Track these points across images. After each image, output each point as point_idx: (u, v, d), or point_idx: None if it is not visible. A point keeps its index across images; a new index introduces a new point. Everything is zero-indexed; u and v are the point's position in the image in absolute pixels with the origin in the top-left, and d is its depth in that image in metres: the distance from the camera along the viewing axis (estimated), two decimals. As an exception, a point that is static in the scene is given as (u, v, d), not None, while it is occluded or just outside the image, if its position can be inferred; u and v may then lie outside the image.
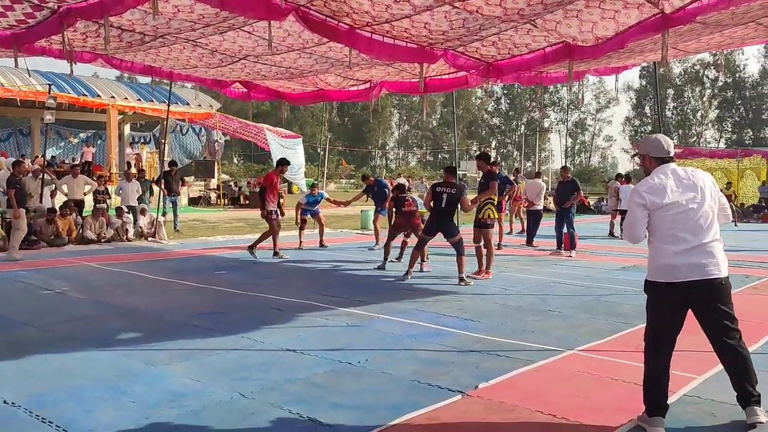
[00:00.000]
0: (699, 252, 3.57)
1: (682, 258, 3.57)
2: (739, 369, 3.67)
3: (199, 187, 29.04)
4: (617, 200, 16.88)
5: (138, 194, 14.77)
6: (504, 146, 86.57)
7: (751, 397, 3.65)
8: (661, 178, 3.67)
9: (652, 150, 3.79)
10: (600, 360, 5.13)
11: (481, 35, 7.22)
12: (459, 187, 9.00)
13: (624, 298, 7.73)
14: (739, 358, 3.66)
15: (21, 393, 4.17)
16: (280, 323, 6.34)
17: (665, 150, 3.76)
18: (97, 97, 23.12)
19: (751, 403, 3.65)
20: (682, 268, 3.57)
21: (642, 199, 3.65)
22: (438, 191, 8.84)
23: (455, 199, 8.78)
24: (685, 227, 3.60)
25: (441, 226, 8.89)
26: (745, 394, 3.66)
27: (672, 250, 3.59)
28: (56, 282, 8.54)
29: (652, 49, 8.13)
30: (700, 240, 3.59)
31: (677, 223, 3.60)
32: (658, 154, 3.77)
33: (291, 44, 7.93)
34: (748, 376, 3.66)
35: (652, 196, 3.62)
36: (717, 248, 3.63)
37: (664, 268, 3.63)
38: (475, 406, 4.06)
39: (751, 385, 3.66)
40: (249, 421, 3.75)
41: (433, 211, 8.91)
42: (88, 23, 7.06)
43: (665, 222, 3.62)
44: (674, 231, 3.60)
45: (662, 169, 3.73)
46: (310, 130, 71.60)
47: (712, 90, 76.41)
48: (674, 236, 3.60)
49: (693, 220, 3.60)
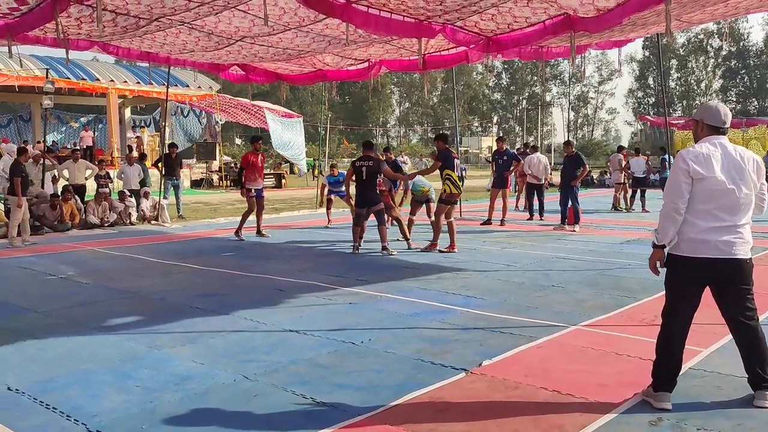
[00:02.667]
0: (730, 231, 3.49)
1: (713, 235, 3.48)
2: (754, 350, 3.61)
3: (201, 170, 28.97)
4: (620, 173, 16.80)
5: (140, 178, 14.75)
6: (506, 121, 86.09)
7: (762, 381, 3.59)
8: (709, 149, 3.53)
9: (707, 116, 3.63)
10: (605, 335, 5.11)
11: (479, 6, 7.09)
12: (376, 159, 9.67)
13: (628, 272, 7.71)
14: (755, 339, 3.60)
15: (25, 379, 4.18)
16: (283, 304, 6.34)
17: (721, 120, 3.60)
18: (96, 81, 23.01)
19: (762, 387, 3.59)
20: (710, 245, 3.48)
21: (687, 165, 3.48)
22: (357, 165, 9.62)
23: (373, 171, 9.48)
24: (723, 206, 3.49)
25: (365, 196, 9.56)
26: (758, 377, 3.61)
27: (705, 225, 3.49)
28: (60, 267, 8.55)
29: (656, 22, 8.00)
30: (735, 221, 3.50)
31: (716, 200, 3.48)
32: (712, 122, 3.60)
33: (287, 23, 7.82)
34: (762, 359, 3.59)
35: (697, 166, 3.47)
36: (747, 230, 3.57)
37: (693, 242, 3.52)
38: (479, 383, 4.06)
39: (763, 370, 3.59)
40: (253, 403, 3.75)
41: (358, 185, 9.62)
42: (81, 8, 6.97)
43: (704, 196, 3.49)
44: (711, 207, 3.49)
45: (712, 140, 3.58)
46: (310, 109, 71.23)
47: (716, 59, 75.66)
48: (710, 213, 3.49)
49: (732, 200, 3.49)
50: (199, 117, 29.95)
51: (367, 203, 9.59)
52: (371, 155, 9.63)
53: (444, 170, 9.48)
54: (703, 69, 76.11)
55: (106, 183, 14.23)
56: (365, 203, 9.60)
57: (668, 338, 3.67)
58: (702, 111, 3.69)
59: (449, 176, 9.45)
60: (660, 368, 3.66)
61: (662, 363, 3.66)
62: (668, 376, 3.64)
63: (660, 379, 3.64)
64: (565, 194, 12.33)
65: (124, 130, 27.56)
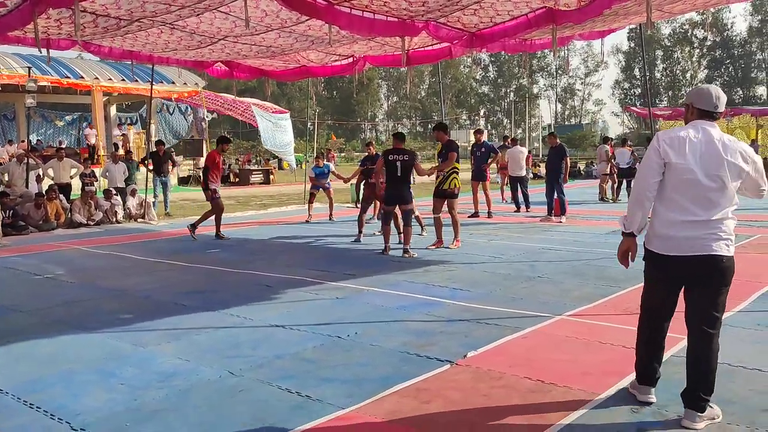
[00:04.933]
0: (704, 227, 3.20)
1: (684, 230, 3.22)
2: (702, 363, 3.27)
3: (188, 167, 28.85)
4: (607, 164, 16.89)
5: (125, 176, 14.67)
6: (494, 114, 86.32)
7: (699, 401, 3.23)
8: (688, 133, 3.24)
9: (696, 100, 3.33)
10: (589, 324, 5.16)
11: (462, 4, 7.10)
12: (411, 153, 8.80)
13: (613, 262, 7.65)
14: (708, 353, 3.27)
15: (9, 379, 4.16)
16: (269, 300, 6.33)
17: (713, 103, 3.28)
18: (81, 78, 22.79)
19: (694, 407, 3.24)
20: (683, 241, 3.22)
21: (659, 146, 3.24)
22: (391, 159, 8.59)
23: (409, 165, 8.63)
24: (695, 198, 3.21)
25: (396, 193, 8.69)
26: (693, 396, 3.25)
27: (675, 218, 3.24)
28: (46, 266, 8.50)
29: (637, 12, 8.03)
30: (708, 216, 3.20)
31: (687, 191, 3.21)
32: (702, 106, 3.30)
33: (269, 24, 7.80)
34: (706, 377, 3.25)
35: (669, 148, 3.22)
36: (726, 226, 3.24)
37: (664, 239, 3.29)
38: (463, 374, 4.08)
39: (706, 387, 3.24)
40: (238, 398, 3.76)
41: (388, 180, 8.71)
42: (61, 9, 6.90)
43: (674, 184, 3.23)
44: (682, 198, 3.23)
45: (696, 124, 3.29)
46: (298, 104, 71.09)
47: (700, 50, 76.15)
48: (680, 204, 3.23)
49: (704, 193, 3.20)
50: (184, 114, 29.79)
51: (397, 201, 8.74)
52: (404, 148, 8.78)
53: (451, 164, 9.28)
54: (689, 59, 76.61)
55: (91, 181, 14.15)
56: (395, 200, 8.75)
57: (645, 330, 3.55)
58: (693, 94, 3.39)
59: (456, 169, 9.26)
60: (640, 360, 3.58)
61: (642, 355, 3.58)
62: (650, 370, 3.54)
63: (642, 371, 3.57)
64: (551, 186, 12.39)
65: (110, 127, 27.37)
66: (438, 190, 9.36)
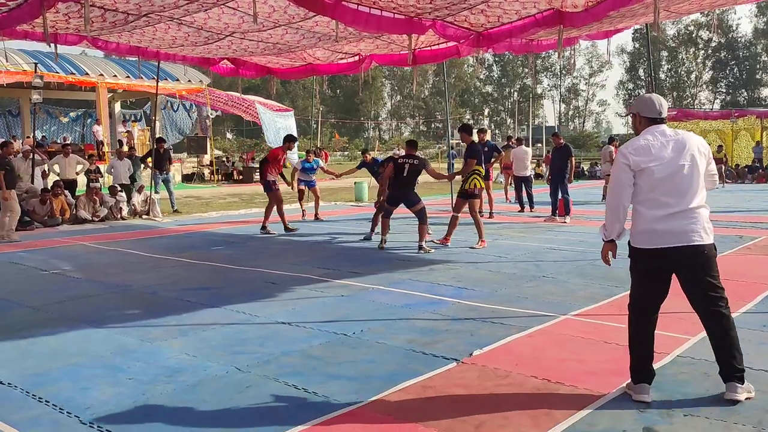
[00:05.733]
0: (682, 217, 3.45)
1: (664, 223, 3.46)
2: (723, 340, 3.51)
3: (192, 164, 28.91)
4: (611, 165, 16.86)
5: (130, 172, 14.70)
6: (497, 114, 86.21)
7: (734, 372, 3.49)
8: (648, 139, 3.54)
9: (643, 109, 3.65)
10: (594, 324, 5.16)
11: (469, 3, 7.11)
12: (421, 159, 9.33)
13: (618, 262, 7.63)
14: (725, 329, 3.49)
15: (17, 373, 4.18)
16: (275, 297, 6.35)
17: (657, 110, 3.61)
18: (86, 75, 22.88)
19: (733, 378, 3.50)
20: (663, 234, 3.46)
21: (626, 160, 3.51)
22: (400, 162, 9.21)
23: (417, 170, 9.14)
24: (669, 191, 3.47)
25: (403, 195, 9.19)
26: (728, 369, 3.51)
27: (654, 214, 3.48)
28: (51, 262, 8.53)
29: (644, 13, 8.04)
30: (684, 205, 3.46)
31: (660, 187, 3.47)
32: (648, 114, 3.63)
33: (277, 20, 7.81)
34: (731, 350, 3.49)
35: (637, 157, 3.49)
36: (702, 215, 3.49)
37: (644, 233, 3.54)
38: (469, 373, 4.09)
39: (735, 360, 3.49)
40: (245, 395, 3.77)
41: (395, 181, 9.21)
42: (69, 3, 6.93)
43: (648, 184, 3.49)
44: (656, 195, 3.48)
45: (651, 130, 3.59)
46: (301, 103, 71.12)
47: (705, 51, 75.96)
48: (656, 200, 3.48)
49: (677, 184, 3.46)
50: (189, 111, 29.85)
51: (401, 201, 9.24)
52: (416, 154, 9.37)
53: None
54: (693, 60, 76.42)
55: (96, 178, 14.19)
56: (397, 201, 9.26)
57: (636, 328, 3.66)
58: (637, 104, 3.71)
59: (478, 171, 9.36)
60: (633, 360, 3.66)
61: (635, 354, 3.66)
62: (643, 367, 3.62)
63: (636, 371, 3.64)
64: (555, 186, 12.39)
65: (114, 124, 27.43)
66: (460, 190, 9.61)
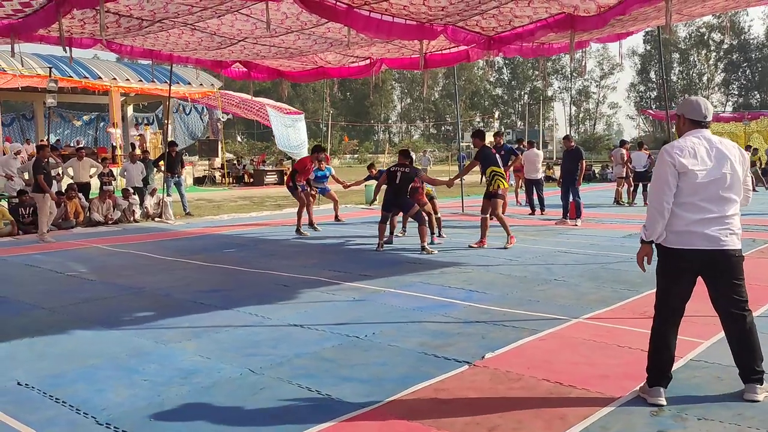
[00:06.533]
0: (718, 223, 3.49)
1: (700, 227, 3.49)
2: (744, 344, 3.59)
3: (204, 167, 29.07)
4: (622, 167, 16.83)
5: (142, 175, 14.81)
6: (507, 116, 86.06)
7: (753, 374, 3.59)
8: (693, 142, 3.55)
9: (688, 111, 3.64)
10: (606, 327, 5.16)
11: (481, 9, 7.12)
12: (412, 168, 9.69)
13: (630, 266, 7.72)
14: (746, 331, 3.58)
15: (34, 374, 4.24)
16: (287, 299, 6.39)
17: (702, 113, 3.61)
18: (99, 79, 23.05)
19: (752, 380, 3.59)
20: (699, 237, 3.49)
21: (672, 159, 3.50)
22: (392, 171, 9.67)
23: (409, 177, 9.50)
24: (709, 197, 3.49)
25: (396, 201, 9.56)
26: (747, 370, 3.60)
27: (691, 218, 3.50)
28: (67, 264, 8.62)
29: (656, 16, 8.02)
30: (722, 212, 3.50)
31: (701, 192, 3.49)
32: (693, 117, 3.63)
33: (289, 26, 7.86)
34: (753, 353, 3.58)
35: (683, 159, 3.48)
36: (736, 221, 3.55)
37: (680, 234, 3.54)
38: (481, 375, 4.10)
39: (755, 363, 3.58)
40: (259, 396, 3.80)
41: (389, 189, 9.61)
42: (85, 10, 7.00)
43: (690, 188, 3.49)
44: (696, 199, 3.50)
45: (695, 134, 3.60)
46: (312, 105, 71.34)
47: (717, 53, 75.53)
48: (696, 205, 3.50)
49: (718, 192, 3.50)
50: (201, 114, 30.01)
51: (394, 206, 9.67)
52: (407, 163, 9.72)
53: (489, 168, 9.60)
54: (705, 62, 76.03)
55: (109, 181, 14.31)
56: (391, 206, 9.67)
57: (660, 331, 3.67)
58: (683, 106, 3.70)
59: (497, 173, 9.53)
60: (653, 362, 3.66)
61: (655, 357, 3.66)
62: (662, 370, 3.63)
63: (654, 374, 3.64)
64: (566, 189, 12.37)
65: (127, 127, 27.63)
66: (485, 191, 9.77)
